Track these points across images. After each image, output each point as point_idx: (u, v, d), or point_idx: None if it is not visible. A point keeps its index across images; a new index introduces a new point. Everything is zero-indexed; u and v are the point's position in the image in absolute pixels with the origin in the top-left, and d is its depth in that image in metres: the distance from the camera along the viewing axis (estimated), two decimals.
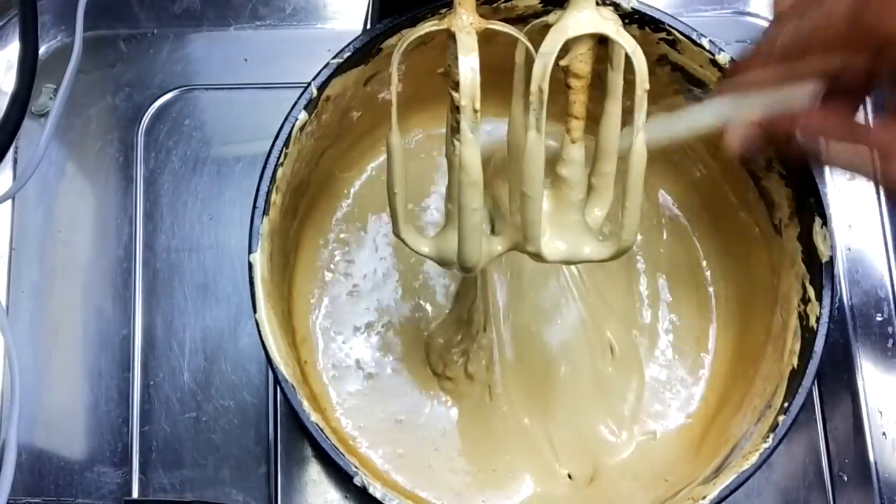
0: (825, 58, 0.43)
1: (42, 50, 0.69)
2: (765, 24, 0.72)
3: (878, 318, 0.65)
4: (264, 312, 0.49)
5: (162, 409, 0.63)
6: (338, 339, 0.61)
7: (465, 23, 0.43)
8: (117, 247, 0.66)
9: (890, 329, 0.65)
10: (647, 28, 0.54)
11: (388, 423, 0.59)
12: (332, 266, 0.62)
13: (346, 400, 0.60)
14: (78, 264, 0.66)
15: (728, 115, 0.48)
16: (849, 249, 0.66)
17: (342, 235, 0.63)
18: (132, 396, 0.63)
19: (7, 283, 0.65)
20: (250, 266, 0.50)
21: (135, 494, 0.61)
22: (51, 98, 0.67)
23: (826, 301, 0.51)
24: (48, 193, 0.67)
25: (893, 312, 0.65)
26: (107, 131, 0.69)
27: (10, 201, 0.66)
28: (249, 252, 0.50)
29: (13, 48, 0.70)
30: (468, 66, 0.42)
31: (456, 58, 0.42)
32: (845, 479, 0.62)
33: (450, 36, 0.43)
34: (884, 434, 0.63)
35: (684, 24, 0.54)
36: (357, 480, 0.47)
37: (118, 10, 0.71)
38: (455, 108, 0.43)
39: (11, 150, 0.62)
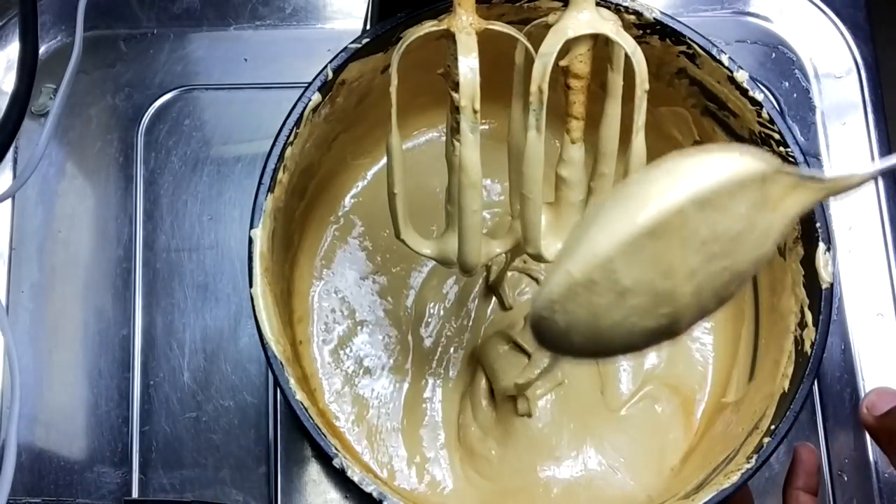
0: None
1: (42, 50, 0.69)
2: (763, 23, 0.72)
3: (879, 318, 0.65)
4: (259, 288, 0.49)
5: (162, 409, 0.63)
6: (335, 297, 0.62)
7: (465, 23, 0.43)
8: (117, 247, 0.66)
9: (890, 329, 0.65)
10: (667, 40, 0.53)
11: (359, 378, 0.60)
12: (341, 232, 0.63)
13: (330, 365, 0.60)
14: (78, 264, 0.66)
15: None
16: (849, 251, 0.66)
17: (355, 206, 0.64)
18: (132, 396, 0.63)
19: (7, 283, 0.65)
20: (250, 241, 0.50)
21: (135, 494, 0.61)
22: (51, 98, 0.67)
23: (823, 328, 0.50)
24: (48, 193, 0.67)
25: (894, 312, 0.65)
26: (107, 131, 0.69)
27: (10, 201, 0.66)
28: (251, 227, 0.50)
29: (13, 48, 0.70)
30: (468, 66, 0.42)
31: (455, 58, 0.42)
32: (845, 479, 0.62)
33: (449, 36, 0.43)
34: None
35: (705, 38, 0.53)
36: (336, 463, 0.47)
37: (118, 10, 0.71)
38: (455, 109, 0.43)
39: (11, 149, 0.62)
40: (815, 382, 0.61)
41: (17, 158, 0.68)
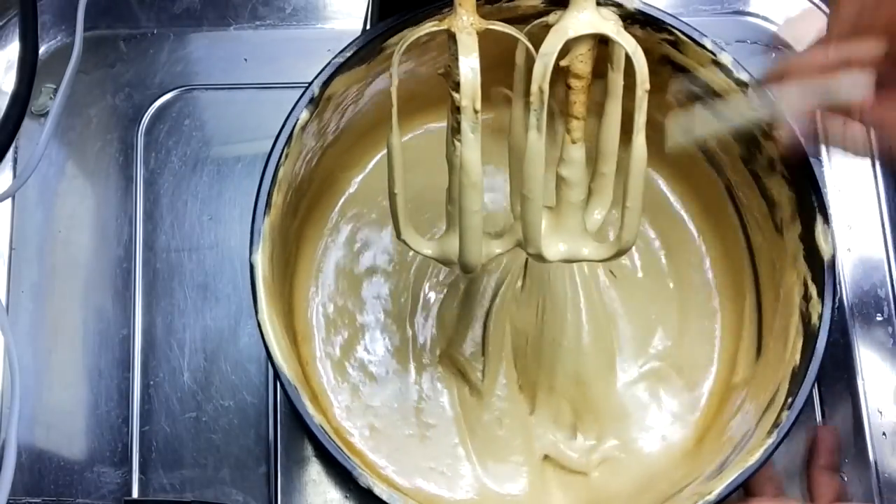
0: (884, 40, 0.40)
1: (42, 50, 0.69)
2: (763, 23, 0.72)
3: (878, 319, 0.65)
4: (266, 314, 0.49)
5: (162, 409, 0.63)
6: (333, 308, 0.61)
7: (466, 23, 0.43)
8: (117, 247, 0.66)
9: (890, 329, 0.65)
10: (649, 28, 0.54)
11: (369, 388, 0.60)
12: (335, 240, 0.63)
13: (337, 379, 0.60)
14: (78, 264, 0.66)
15: (776, 108, 0.46)
16: (849, 250, 0.66)
17: (345, 215, 0.64)
18: (132, 396, 0.63)
19: (7, 283, 0.65)
20: (252, 267, 0.50)
21: (135, 494, 0.61)
22: (51, 98, 0.67)
23: (828, 299, 0.51)
24: (48, 193, 0.67)
25: (893, 312, 0.65)
26: (107, 131, 0.69)
27: (10, 201, 0.66)
28: (251, 253, 0.50)
29: (13, 48, 0.70)
30: (468, 66, 0.42)
31: (456, 58, 0.42)
32: (845, 478, 0.62)
33: (450, 36, 0.43)
34: (884, 434, 0.63)
35: (686, 24, 0.54)
36: (362, 482, 0.47)
37: (118, 10, 0.71)
38: (455, 109, 0.43)
39: (11, 149, 0.62)
40: (816, 384, 0.61)
41: (17, 158, 0.68)
